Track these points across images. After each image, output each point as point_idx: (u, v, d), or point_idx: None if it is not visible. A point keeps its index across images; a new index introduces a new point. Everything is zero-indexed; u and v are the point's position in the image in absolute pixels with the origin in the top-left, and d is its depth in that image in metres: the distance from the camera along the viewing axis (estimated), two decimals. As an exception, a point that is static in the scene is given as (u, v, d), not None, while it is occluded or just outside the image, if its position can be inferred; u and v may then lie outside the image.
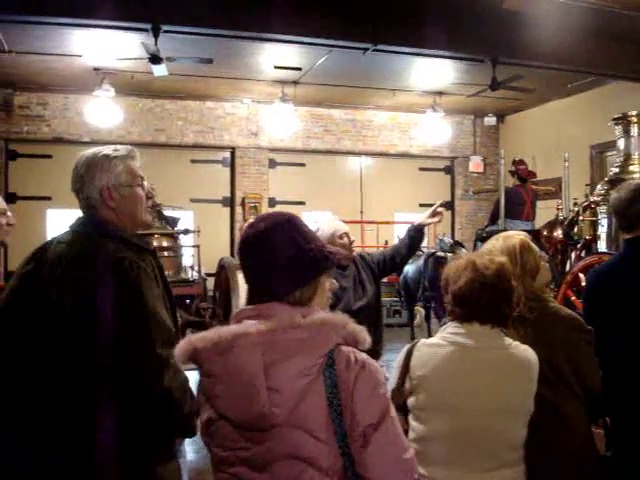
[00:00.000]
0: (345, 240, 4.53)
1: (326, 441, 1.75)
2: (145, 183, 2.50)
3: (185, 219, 10.19)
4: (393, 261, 4.61)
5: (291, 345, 1.77)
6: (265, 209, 12.56)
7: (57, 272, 2.28)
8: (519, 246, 2.93)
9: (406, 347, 2.63)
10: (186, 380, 2.28)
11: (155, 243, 8.13)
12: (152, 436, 2.25)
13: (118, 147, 2.49)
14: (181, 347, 1.84)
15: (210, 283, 9.24)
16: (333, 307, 4.54)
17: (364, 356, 1.82)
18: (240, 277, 7.94)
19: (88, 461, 2.19)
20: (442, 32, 8.55)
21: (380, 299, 4.70)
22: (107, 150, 2.46)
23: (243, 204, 12.62)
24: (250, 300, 1.92)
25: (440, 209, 4.58)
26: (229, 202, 12.84)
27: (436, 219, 4.59)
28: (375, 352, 2.65)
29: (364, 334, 1.84)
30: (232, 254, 12.08)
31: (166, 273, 2.56)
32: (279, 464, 1.75)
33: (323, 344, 1.78)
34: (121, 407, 2.18)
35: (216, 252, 10.51)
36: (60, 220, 11.39)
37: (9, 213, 3.35)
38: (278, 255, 1.86)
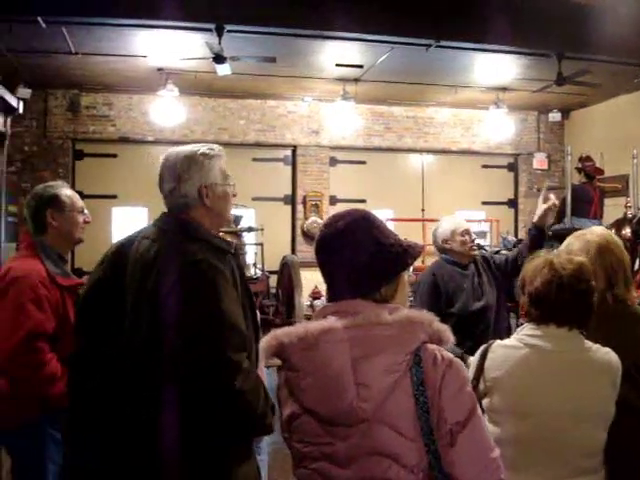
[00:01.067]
0: (466, 238, 4.46)
1: (413, 438, 1.74)
2: (232, 182, 2.53)
3: (247, 217, 10.25)
4: (515, 263, 4.45)
5: (378, 341, 1.77)
6: (326, 207, 12.56)
7: (137, 268, 2.29)
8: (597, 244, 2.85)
9: (481, 348, 2.59)
10: (259, 381, 2.26)
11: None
12: (226, 436, 2.24)
13: (212, 146, 2.52)
14: (267, 342, 1.85)
15: (272, 281, 9.27)
16: (450, 306, 4.50)
17: (450, 354, 1.81)
18: (303, 275, 7.97)
19: (155, 461, 2.19)
20: (506, 26, 8.38)
21: (501, 302, 4.60)
22: (204, 149, 2.48)
23: (304, 202, 12.64)
24: (331, 297, 1.92)
25: (551, 196, 4.39)
26: (290, 200, 12.87)
27: (548, 205, 4.35)
28: None
29: (448, 333, 1.84)
30: (293, 252, 12.14)
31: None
32: (364, 460, 1.75)
33: (410, 341, 1.78)
34: (195, 407, 2.17)
35: (277, 250, 10.54)
36: (125, 218, 11.63)
37: (86, 211, 3.42)
38: (359, 253, 1.86)
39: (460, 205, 13.01)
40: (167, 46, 9.21)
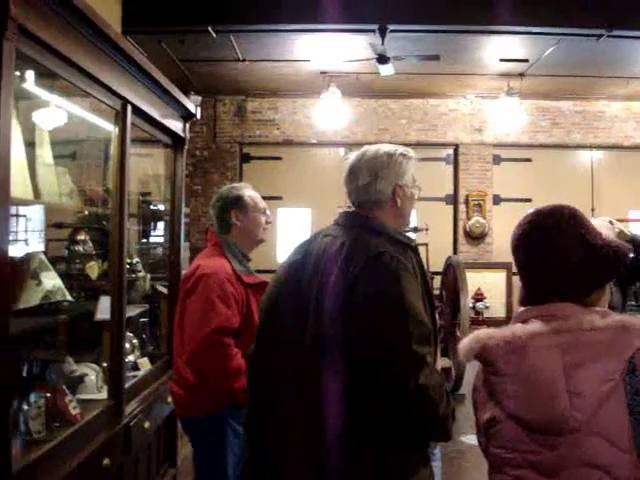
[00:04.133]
0: None
1: (626, 450, 1.64)
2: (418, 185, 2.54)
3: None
4: (633, 270, 4.31)
5: (592, 348, 1.69)
6: (489, 207, 12.31)
7: (321, 263, 2.31)
8: None
9: None
10: (443, 381, 2.21)
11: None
12: (407, 438, 2.19)
13: (408, 149, 2.55)
14: (467, 344, 1.81)
15: (434, 281, 9.19)
16: None
17: None
18: (468, 276, 7.85)
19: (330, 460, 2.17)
20: (684, 12, 7.87)
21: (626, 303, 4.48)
22: (402, 149, 2.52)
23: (467, 202, 12.43)
24: (530, 299, 1.85)
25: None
26: (452, 200, 12.69)
27: None
28: None
29: None
30: (455, 252, 11.97)
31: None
32: (572, 471, 1.67)
33: (625, 348, 1.69)
34: (375, 403, 2.14)
35: (439, 251, 10.46)
36: (289, 219, 11.91)
37: (267, 212, 3.52)
38: (569, 256, 1.78)
39: (633, 204, 12.34)
40: (330, 49, 9.34)
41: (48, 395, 3.01)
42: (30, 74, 2.90)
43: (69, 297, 3.29)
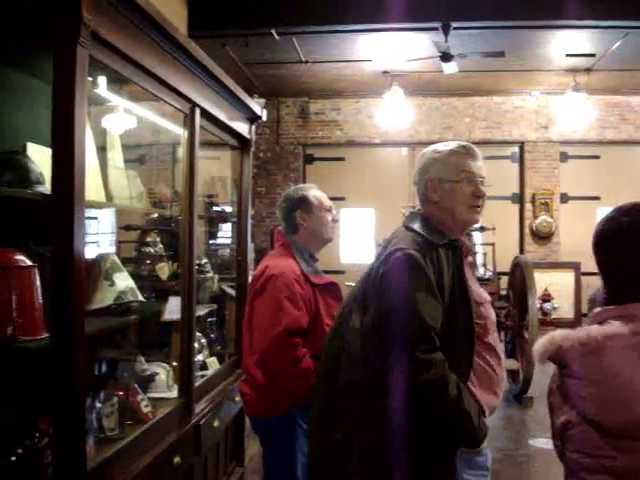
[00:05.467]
0: None
1: None
2: (479, 182, 2.48)
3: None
4: None
5: None
6: (557, 205, 12.08)
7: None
8: None
9: None
10: (448, 379, 2.18)
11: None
12: (422, 442, 2.19)
13: (451, 143, 2.56)
14: (542, 345, 1.77)
15: (502, 282, 9.06)
16: None
17: None
18: (535, 276, 7.70)
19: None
20: None
21: None
22: (439, 146, 2.55)
23: (533, 201, 12.21)
24: (611, 299, 1.80)
25: None
26: (518, 199, 12.49)
27: None
28: None
29: None
30: (521, 252, 11.77)
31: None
32: None
33: None
34: (387, 397, 2.18)
35: (505, 250, 10.30)
36: (353, 219, 11.88)
37: (334, 211, 3.53)
38: None
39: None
40: (392, 48, 9.31)
41: (121, 393, 3.08)
42: (101, 79, 2.97)
43: (141, 297, 3.34)
